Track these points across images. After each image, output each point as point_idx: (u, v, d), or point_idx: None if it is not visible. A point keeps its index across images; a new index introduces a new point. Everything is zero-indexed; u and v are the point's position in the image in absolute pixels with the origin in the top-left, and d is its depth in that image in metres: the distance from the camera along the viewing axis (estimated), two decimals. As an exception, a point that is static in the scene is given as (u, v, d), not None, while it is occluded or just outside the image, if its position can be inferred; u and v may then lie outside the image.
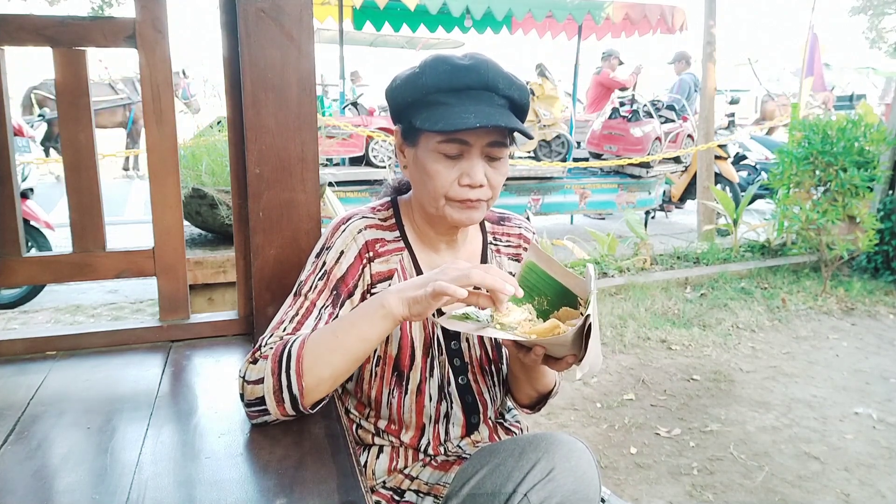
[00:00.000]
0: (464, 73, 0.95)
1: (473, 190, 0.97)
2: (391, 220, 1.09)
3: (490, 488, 0.87)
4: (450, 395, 1.08)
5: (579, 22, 6.51)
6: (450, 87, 0.95)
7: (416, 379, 1.06)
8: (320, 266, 1.02)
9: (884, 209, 4.49)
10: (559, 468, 0.86)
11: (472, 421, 1.11)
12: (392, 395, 1.06)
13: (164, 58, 1.19)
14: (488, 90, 0.96)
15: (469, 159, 0.96)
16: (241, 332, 1.31)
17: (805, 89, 5.73)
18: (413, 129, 0.99)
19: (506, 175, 1.02)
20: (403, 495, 1.06)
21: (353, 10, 6.86)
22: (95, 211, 1.25)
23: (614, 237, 4.77)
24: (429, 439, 1.09)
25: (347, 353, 0.90)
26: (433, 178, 0.97)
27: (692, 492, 2.10)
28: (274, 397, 0.90)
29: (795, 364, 3.16)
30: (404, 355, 1.05)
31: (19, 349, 1.19)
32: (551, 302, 0.95)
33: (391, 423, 1.08)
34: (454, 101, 0.94)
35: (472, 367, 1.10)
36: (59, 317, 3.87)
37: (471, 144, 0.96)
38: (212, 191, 3.07)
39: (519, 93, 0.99)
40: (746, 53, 16.85)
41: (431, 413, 1.08)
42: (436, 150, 0.96)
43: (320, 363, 0.90)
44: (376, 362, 1.06)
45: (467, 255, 1.12)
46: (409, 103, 0.99)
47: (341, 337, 0.90)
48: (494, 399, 1.14)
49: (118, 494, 0.77)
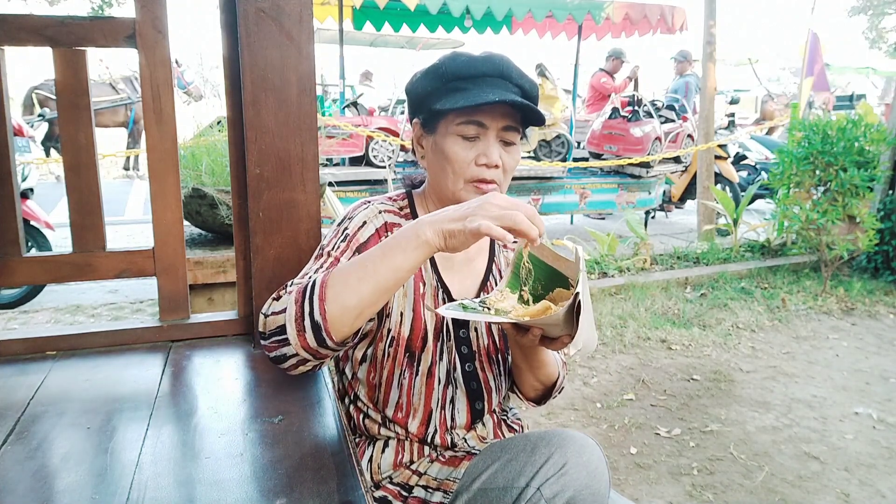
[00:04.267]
0: (480, 63, 1.03)
1: (489, 170, 1.02)
2: (406, 209, 1.13)
3: (502, 483, 0.88)
4: (456, 380, 1.10)
5: (579, 22, 6.51)
6: (468, 75, 1.03)
7: (428, 361, 1.08)
8: (342, 231, 1.05)
9: (884, 209, 4.49)
10: (572, 463, 0.87)
11: (477, 407, 1.12)
12: (403, 375, 1.08)
13: (164, 58, 1.19)
14: (503, 78, 1.04)
15: (485, 140, 1.03)
16: (241, 332, 1.31)
17: (805, 89, 5.73)
18: (433, 116, 1.05)
19: (518, 162, 1.07)
20: (412, 491, 1.06)
21: (353, 10, 6.86)
22: (95, 211, 1.25)
23: (614, 237, 4.77)
24: (435, 426, 1.09)
25: (377, 283, 0.87)
26: (452, 159, 1.03)
27: (692, 492, 2.10)
28: (295, 325, 0.87)
29: (795, 364, 3.16)
30: (416, 337, 1.07)
31: (19, 349, 1.19)
32: (545, 286, 0.97)
33: (398, 410, 1.09)
34: (472, 86, 1.01)
35: (480, 355, 1.12)
36: (59, 317, 3.87)
37: (487, 127, 1.02)
38: (212, 191, 3.07)
39: (529, 84, 1.06)
40: (746, 53, 16.83)
41: (439, 397, 1.09)
42: (454, 133, 1.03)
43: (348, 290, 0.86)
44: (389, 342, 1.08)
45: (477, 248, 1.15)
46: (429, 92, 1.05)
47: (371, 266, 0.87)
48: (500, 388, 1.16)
49: (118, 494, 0.77)
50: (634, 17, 6.56)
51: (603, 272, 4.37)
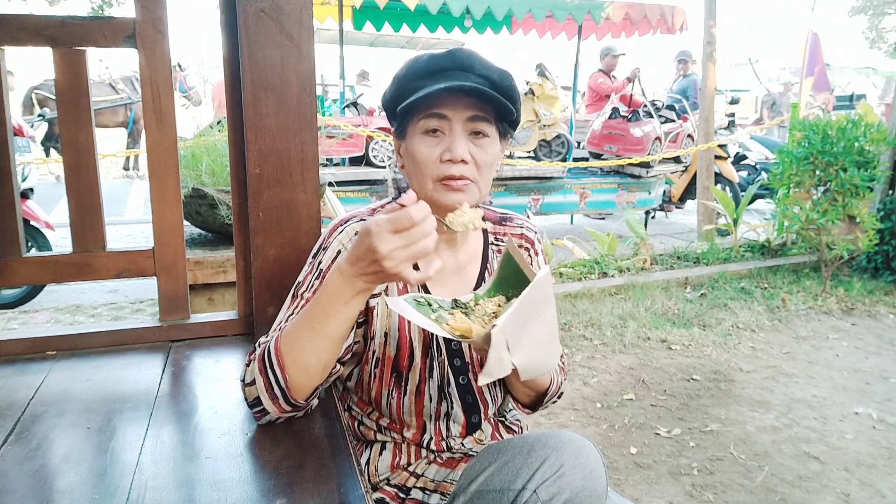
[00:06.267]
0: (440, 59, 1.00)
1: (456, 166, 0.97)
2: None
3: (499, 485, 0.87)
4: (450, 395, 1.08)
5: (579, 22, 6.51)
6: (427, 72, 1.00)
7: (416, 380, 1.06)
8: (316, 266, 1.02)
9: (884, 209, 4.49)
10: (568, 465, 0.86)
11: (473, 420, 1.11)
12: (391, 395, 1.06)
13: (164, 58, 1.19)
14: (463, 69, 0.99)
15: (451, 135, 0.98)
16: (241, 332, 1.31)
17: (805, 89, 5.73)
18: (401, 121, 1.03)
19: (495, 156, 1.01)
20: (409, 493, 1.06)
21: (353, 10, 6.86)
22: (95, 211, 1.25)
23: (614, 237, 4.77)
24: (431, 435, 1.09)
25: (331, 339, 0.88)
26: (418, 159, 0.99)
27: (692, 492, 2.10)
28: (267, 394, 0.90)
29: (795, 364, 3.16)
30: (403, 356, 1.05)
31: (19, 349, 1.19)
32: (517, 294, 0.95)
33: (392, 422, 1.09)
34: (430, 82, 0.97)
35: (473, 366, 1.10)
36: (59, 317, 3.87)
37: (449, 119, 0.97)
38: (212, 191, 3.07)
39: (498, 74, 1.00)
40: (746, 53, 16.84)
41: (431, 413, 1.08)
42: (419, 132, 0.99)
43: (303, 353, 0.88)
44: (375, 363, 1.06)
45: (468, 256, 1.12)
46: (395, 97, 1.02)
47: (318, 326, 0.87)
48: (495, 398, 1.14)
49: (118, 494, 0.77)
50: (634, 17, 6.57)
51: (603, 272, 4.37)
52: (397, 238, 0.79)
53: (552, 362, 0.89)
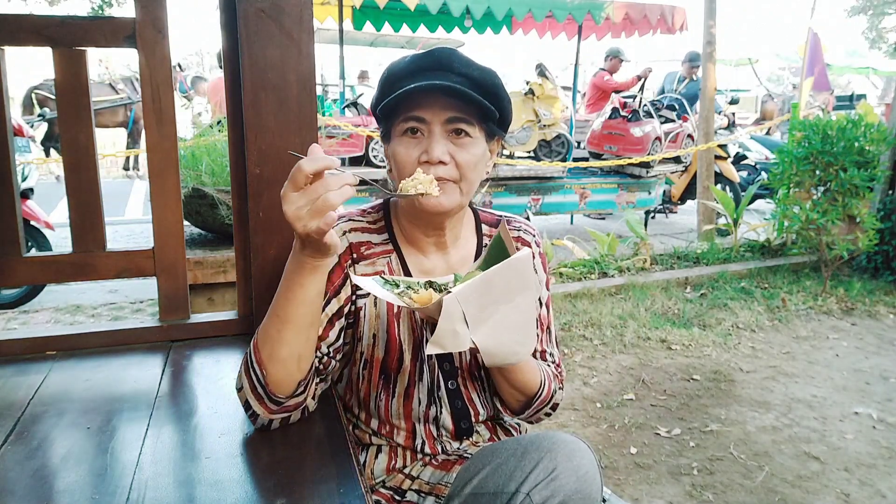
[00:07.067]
0: (420, 59, 0.99)
1: (434, 167, 0.96)
2: (381, 222, 1.09)
3: (492, 488, 0.87)
4: (439, 399, 1.08)
5: (579, 22, 6.50)
6: (407, 73, 0.99)
7: (404, 382, 1.06)
8: None
9: (884, 209, 4.49)
10: (561, 468, 0.85)
11: (462, 426, 1.10)
12: (379, 397, 1.06)
13: (164, 58, 1.19)
14: (441, 69, 0.98)
15: (429, 137, 0.97)
16: (241, 332, 1.30)
17: (805, 89, 5.73)
18: (385, 124, 1.03)
19: (478, 157, 0.99)
20: (404, 495, 1.06)
21: (353, 10, 6.85)
22: (95, 211, 1.25)
23: (614, 237, 4.77)
24: (422, 438, 1.09)
25: (298, 324, 0.89)
26: (397, 161, 0.99)
27: (692, 492, 2.10)
28: (253, 395, 0.91)
29: (795, 364, 3.16)
30: (392, 358, 1.05)
31: (19, 349, 1.19)
32: None
33: (382, 425, 1.09)
34: (409, 83, 0.96)
35: (462, 371, 1.09)
36: (59, 317, 3.87)
37: (428, 121, 0.97)
38: (212, 191, 3.07)
39: (479, 72, 0.99)
40: (746, 53, 16.84)
41: (420, 416, 1.07)
42: (399, 134, 0.99)
43: (277, 345, 0.89)
44: (363, 365, 1.06)
45: (460, 259, 1.11)
46: (378, 100, 1.02)
47: (283, 313, 0.89)
48: (485, 405, 1.12)
49: (118, 494, 0.77)
50: (634, 17, 6.56)
51: (603, 272, 4.37)
52: (299, 196, 0.77)
53: (523, 352, 0.89)
